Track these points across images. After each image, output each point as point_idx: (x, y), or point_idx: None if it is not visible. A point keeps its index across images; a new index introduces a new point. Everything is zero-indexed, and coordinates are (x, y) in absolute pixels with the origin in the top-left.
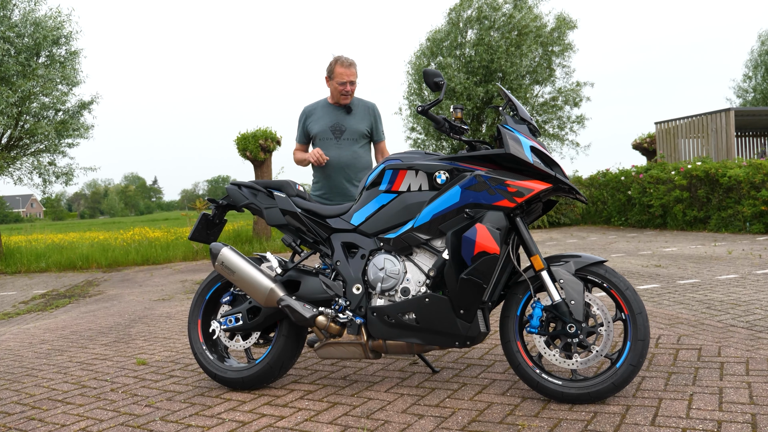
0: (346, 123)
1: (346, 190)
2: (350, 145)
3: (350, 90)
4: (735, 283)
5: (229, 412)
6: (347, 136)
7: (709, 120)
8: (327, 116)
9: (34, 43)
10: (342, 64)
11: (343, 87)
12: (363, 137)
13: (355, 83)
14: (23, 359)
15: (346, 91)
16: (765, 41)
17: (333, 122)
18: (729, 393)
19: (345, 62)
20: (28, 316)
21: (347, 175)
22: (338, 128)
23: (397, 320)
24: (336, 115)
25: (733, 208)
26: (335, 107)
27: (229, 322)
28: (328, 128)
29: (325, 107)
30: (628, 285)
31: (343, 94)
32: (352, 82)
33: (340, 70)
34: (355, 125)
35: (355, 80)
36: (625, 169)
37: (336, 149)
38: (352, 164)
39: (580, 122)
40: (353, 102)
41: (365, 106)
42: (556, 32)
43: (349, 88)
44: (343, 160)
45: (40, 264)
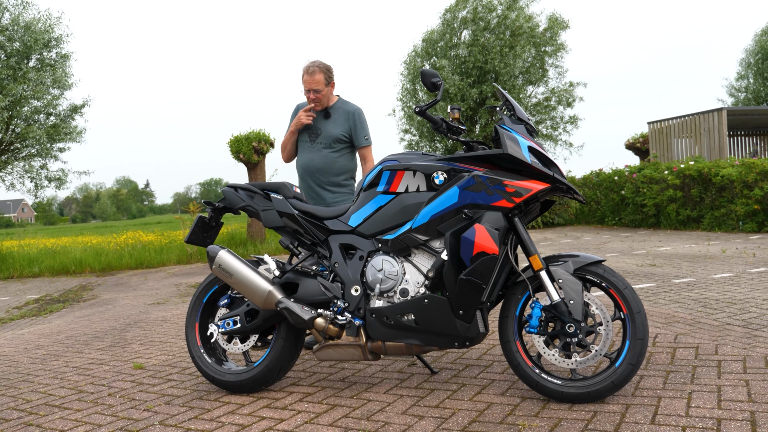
0: (322, 127)
1: (316, 194)
2: (322, 150)
3: (314, 98)
4: (730, 281)
5: (229, 415)
6: (321, 140)
7: (702, 120)
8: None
9: (24, 47)
10: (306, 72)
11: (307, 95)
12: (338, 142)
13: (321, 91)
14: (19, 365)
15: (310, 99)
16: (759, 41)
17: (312, 126)
18: (727, 391)
19: (308, 70)
20: (22, 321)
21: (318, 180)
22: (314, 132)
23: (396, 321)
24: (315, 119)
25: (726, 208)
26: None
27: (227, 325)
28: (305, 131)
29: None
30: (626, 284)
31: (309, 101)
32: (315, 90)
33: (304, 78)
34: (330, 130)
35: (319, 88)
36: (618, 169)
37: (309, 152)
38: (323, 169)
39: (573, 122)
40: (335, 106)
41: (345, 110)
42: (549, 32)
43: (313, 96)
44: (314, 164)
45: (32, 269)
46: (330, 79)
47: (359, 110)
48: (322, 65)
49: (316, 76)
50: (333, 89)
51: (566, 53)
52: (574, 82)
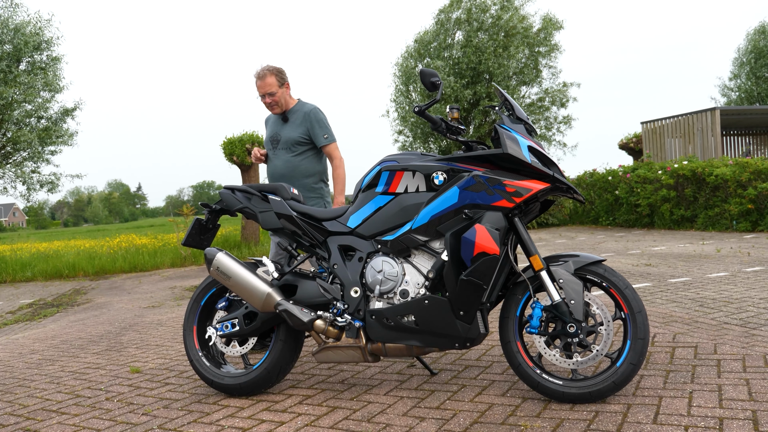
0: (281, 132)
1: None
2: (284, 155)
3: (270, 101)
4: (726, 280)
5: (228, 418)
6: (281, 146)
7: (695, 119)
8: (271, 127)
9: (14, 50)
10: (257, 77)
11: (263, 99)
12: (298, 145)
13: (276, 93)
14: (14, 370)
15: (266, 103)
16: (752, 40)
17: (272, 133)
18: (728, 390)
19: (259, 74)
20: (16, 326)
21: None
22: (275, 138)
23: (396, 323)
24: (275, 126)
25: (719, 207)
26: (277, 117)
27: (225, 328)
28: (268, 139)
29: (274, 117)
30: (627, 284)
31: (266, 106)
32: (270, 94)
33: (257, 85)
34: (288, 134)
35: (273, 90)
36: (612, 169)
37: (273, 159)
38: (287, 174)
39: (567, 123)
40: (293, 109)
41: (302, 112)
42: (543, 33)
43: (268, 99)
44: (278, 171)
45: (25, 273)
46: (283, 81)
47: (315, 109)
48: (272, 68)
49: (267, 79)
50: (288, 90)
51: (560, 54)
52: (568, 83)
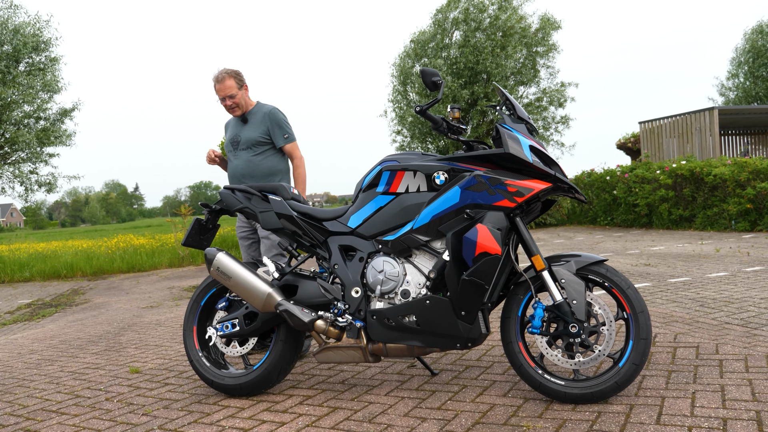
0: (241, 134)
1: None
2: (245, 155)
3: (230, 104)
4: (726, 280)
5: (229, 419)
6: (242, 146)
7: (693, 119)
8: (231, 129)
9: (13, 50)
10: (216, 80)
11: (223, 103)
12: (258, 145)
13: (236, 95)
14: (13, 370)
15: (227, 105)
16: (749, 39)
17: (232, 135)
18: (731, 390)
19: (218, 77)
20: (14, 326)
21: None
22: (235, 140)
23: (397, 323)
24: (235, 128)
25: (718, 207)
26: (237, 119)
27: (225, 328)
28: (229, 141)
29: (234, 120)
30: (629, 284)
31: (227, 109)
32: (230, 96)
33: (215, 87)
34: (248, 135)
35: (233, 93)
36: (610, 168)
37: (234, 161)
38: (248, 173)
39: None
40: (252, 111)
41: (262, 112)
42: (541, 33)
43: (229, 102)
44: (239, 170)
45: (23, 273)
46: (242, 83)
47: (275, 110)
48: (230, 70)
49: (226, 82)
50: (247, 92)
51: (558, 54)
52: (566, 83)
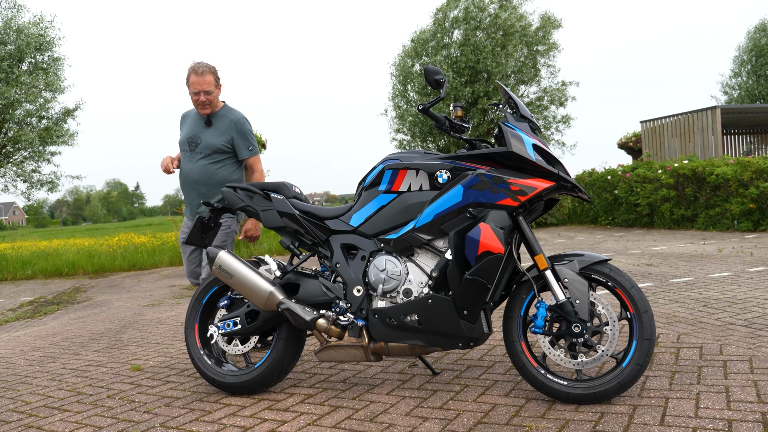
0: (203, 136)
1: (201, 207)
2: (201, 160)
3: (205, 100)
4: (729, 281)
5: (230, 417)
6: (200, 150)
7: (695, 118)
8: (190, 126)
9: (17, 50)
10: (195, 72)
11: (197, 97)
12: (218, 153)
13: (213, 92)
14: (16, 367)
15: (200, 101)
16: (752, 38)
17: (191, 133)
18: (736, 391)
19: (198, 69)
20: (17, 323)
21: (199, 191)
22: (194, 140)
23: (399, 322)
24: (196, 126)
25: (720, 206)
26: (200, 117)
27: (227, 327)
28: (186, 139)
29: (194, 115)
30: (633, 283)
31: (198, 104)
32: (207, 92)
33: (193, 78)
34: (210, 139)
35: (211, 89)
36: (611, 168)
37: (188, 162)
38: (202, 181)
39: (566, 122)
40: (218, 113)
41: (229, 119)
42: (541, 32)
43: (204, 98)
44: (193, 176)
45: (26, 271)
46: (218, 81)
47: (243, 119)
48: (210, 66)
49: (206, 77)
50: (220, 92)
51: (558, 52)
52: (567, 82)
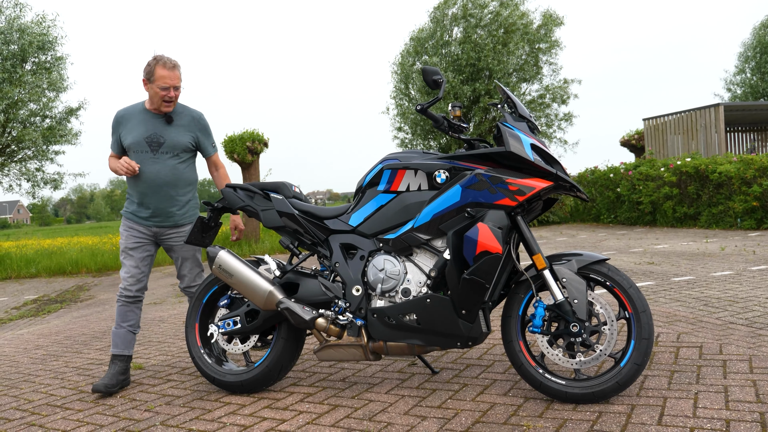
0: (165, 134)
1: (165, 213)
2: (169, 160)
3: (174, 96)
4: (731, 279)
5: (230, 416)
6: (166, 149)
7: (698, 116)
8: (143, 125)
9: (20, 50)
10: (165, 66)
11: (166, 92)
12: (185, 151)
13: (180, 89)
14: (19, 365)
15: (170, 97)
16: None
17: (149, 133)
18: (734, 391)
19: (168, 63)
20: (20, 321)
21: (168, 194)
22: (155, 140)
23: (398, 321)
24: (154, 125)
25: (723, 205)
26: (154, 115)
27: (227, 326)
28: (143, 139)
29: (142, 114)
30: (631, 283)
31: (165, 100)
32: (176, 87)
33: (162, 73)
34: (175, 137)
35: (179, 85)
36: (613, 166)
37: (152, 164)
38: (173, 182)
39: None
40: (176, 110)
41: (190, 116)
42: (543, 29)
43: (173, 93)
44: (162, 177)
45: (30, 270)
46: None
47: (203, 115)
48: (178, 62)
49: (176, 71)
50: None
51: (561, 50)
52: (569, 79)
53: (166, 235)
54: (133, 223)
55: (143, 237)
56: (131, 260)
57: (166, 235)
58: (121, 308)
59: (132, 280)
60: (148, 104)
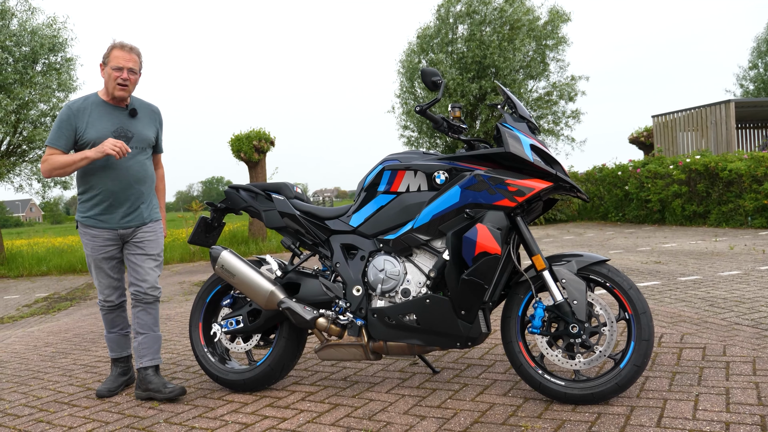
0: (132, 128)
1: (135, 211)
2: (138, 156)
3: (128, 79)
4: (738, 279)
5: (232, 414)
6: (135, 144)
7: (708, 112)
8: (106, 119)
9: (31, 51)
10: (122, 48)
11: (119, 74)
12: (149, 147)
13: (138, 74)
14: (29, 362)
15: (124, 79)
16: None
17: (116, 126)
18: (736, 394)
19: (126, 46)
20: (31, 319)
21: (139, 191)
22: (123, 134)
23: (397, 321)
24: (118, 118)
25: (734, 203)
26: (114, 108)
27: (230, 325)
28: (110, 133)
29: (100, 107)
30: (631, 284)
31: (119, 83)
32: (132, 70)
33: (117, 53)
34: (142, 131)
35: (136, 69)
36: (622, 164)
37: (123, 160)
38: (142, 179)
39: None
40: (135, 103)
41: (150, 109)
42: (550, 26)
43: (127, 75)
44: (133, 173)
45: (41, 268)
46: (142, 66)
47: (159, 109)
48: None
49: (133, 54)
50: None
51: (567, 46)
52: (576, 76)
53: (134, 235)
54: (97, 230)
55: (111, 243)
56: (103, 273)
57: (134, 235)
58: (107, 316)
59: (110, 290)
60: (104, 94)
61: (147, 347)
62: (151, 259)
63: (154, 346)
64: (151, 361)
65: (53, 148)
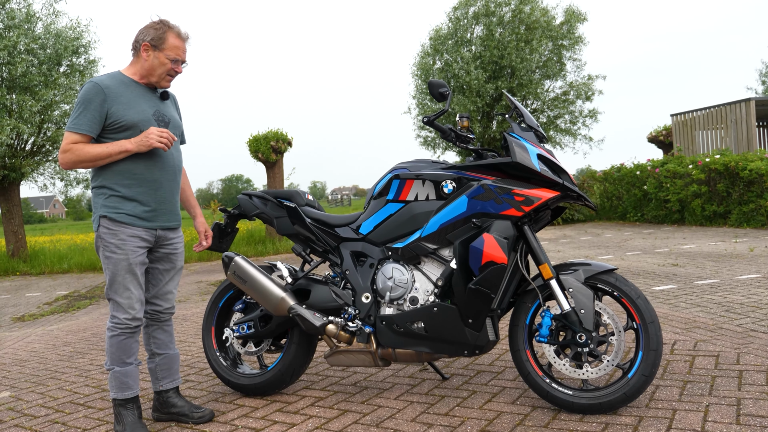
0: (167, 113)
1: (175, 208)
2: (177, 144)
3: (179, 71)
4: (756, 283)
5: (242, 418)
6: (171, 131)
7: (728, 111)
8: (142, 100)
9: (55, 54)
10: (178, 35)
11: (175, 66)
12: (180, 135)
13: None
14: (47, 361)
15: (174, 71)
16: None
17: (154, 109)
18: (747, 404)
19: (182, 33)
20: (51, 317)
21: (177, 186)
22: (162, 119)
23: (405, 329)
24: (153, 101)
25: (755, 203)
26: (146, 89)
27: (241, 330)
28: (151, 116)
29: (133, 86)
30: (639, 293)
31: (170, 74)
32: (184, 63)
33: (175, 42)
34: (174, 117)
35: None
36: (640, 163)
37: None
38: (179, 168)
39: (593, 116)
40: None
41: (170, 95)
42: (566, 26)
43: (180, 69)
44: (176, 163)
45: (62, 265)
46: None
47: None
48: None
49: (187, 44)
50: None
51: (584, 46)
52: (593, 75)
53: (167, 240)
54: (135, 229)
55: (146, 245)
56: (136, 281)
57: (167, 240)
58: (125, 342)
59: (139, 305)
60: (136, 75)
61: (166, 368)
62: (178, 274)
63: (174, 366)
64: (171, 383)
65: (77, 133)
